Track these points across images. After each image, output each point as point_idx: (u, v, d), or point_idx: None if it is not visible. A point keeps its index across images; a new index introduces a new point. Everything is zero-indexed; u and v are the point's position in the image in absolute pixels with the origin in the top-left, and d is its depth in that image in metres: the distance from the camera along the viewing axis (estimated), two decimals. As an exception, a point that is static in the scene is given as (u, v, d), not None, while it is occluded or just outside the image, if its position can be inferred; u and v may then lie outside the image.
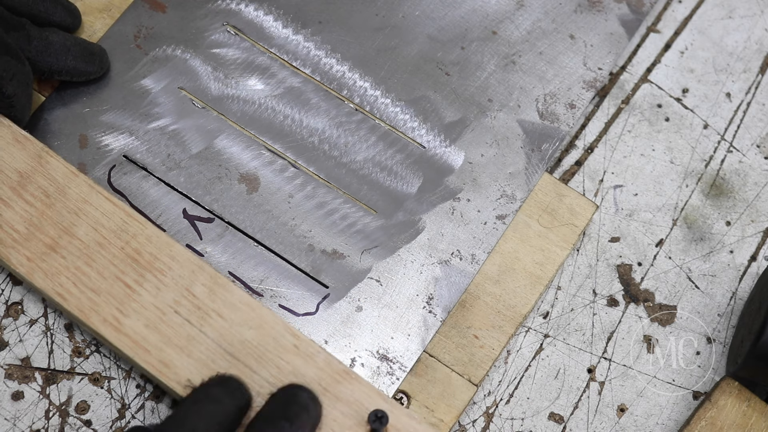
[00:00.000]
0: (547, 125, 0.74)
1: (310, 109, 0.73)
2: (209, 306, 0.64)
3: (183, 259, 0.65)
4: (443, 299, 0.69)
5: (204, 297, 0.64)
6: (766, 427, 0.67)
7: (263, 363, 0.63)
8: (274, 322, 0.64)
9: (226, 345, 0.63)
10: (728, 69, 0.78)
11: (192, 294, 0.64)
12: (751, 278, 0.73)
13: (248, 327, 0.64)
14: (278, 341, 0.63)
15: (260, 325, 0.64)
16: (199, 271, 0.65)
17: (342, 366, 0.63)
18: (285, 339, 0.64)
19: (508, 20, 0.77)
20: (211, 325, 0.64)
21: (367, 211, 0.71)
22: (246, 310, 0.64)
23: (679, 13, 0.79)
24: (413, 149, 0.73)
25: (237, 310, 0.64)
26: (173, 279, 0.64)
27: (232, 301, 0.64)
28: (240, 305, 0.64)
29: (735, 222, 0.74)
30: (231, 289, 0.65)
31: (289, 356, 0.63)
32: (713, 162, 0.76)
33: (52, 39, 0.69)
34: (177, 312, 0.64)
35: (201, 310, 0.64)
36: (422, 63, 0.75)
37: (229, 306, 0.64)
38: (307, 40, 0.75)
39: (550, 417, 0.69)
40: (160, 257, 0.65)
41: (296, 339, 0.63)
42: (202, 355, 0.63)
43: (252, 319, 0.64)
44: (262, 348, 0.63)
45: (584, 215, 0.72)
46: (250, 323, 0.64)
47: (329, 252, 0.70)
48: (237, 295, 0.65)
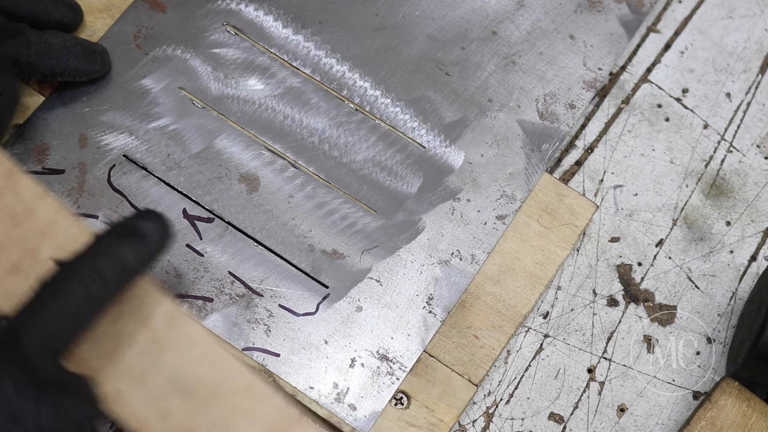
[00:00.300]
0: (547, 125, 0.74)
1: (310, 109, 0.73)
2: (164, 340, 0.63)
3: (142, 290, 0.64)
4: (443, 299, 0.69)
5: (160, 330, 0.63)
6: (766, 427, 0.67)
7: (215, 402, 0.62)
8: (229, 361, 0.63)
9: (180, 381, 0.62)
10: (728, 69, 0.78)
11: (148, 326, 0.63)
12: (751, 278, 0.73)
13: (203, 364, 0.63)
14: (232, 381, 0.62)
15: (215, 363, 0.63)
16: (157, 302, 0.64)
17: (295, 411, 0.62)
18: (239, 379, 0.63)
19: (508, 20, 0.77)
20: (166, 359, 0.63)
21: (367, 211, 0.71)
22: (201, 346, 0.63)
23: (679, 13, 0.79)
24: (413, 149, 0.73)
25: (193, 346, 0.63)
26: (131, 309, 0.63)
27: (188, 336, 0.63)
28: (195, 341, 0.63)
29: (735, 222, 0.74)
30: (188, 323, 0.64)
31: (243, 397, 0.62)
32: (713, 162, 0.76)
33: (51, 41, 0.69)
34: (133, 344, 0.63)
35: (157, 343, 0.63)
36: (422, 63, 0.75)
37: (184, 341, 0.63)
38: (307, 40, 0.75)
39: (550, 417, 0.69)
40: None
41: (250, 380, 0.63)
42: (156, 389, 0.62)
43: (207, 356, 0.63)
44: (216, 386, 0.62)
45: (584, 215, 0.72)
46: (205, 361, 0.63)
47: (329, 252, 0.70)
48: (193, 331, 0.64)
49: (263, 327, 0.68)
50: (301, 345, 0.67)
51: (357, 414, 0.66)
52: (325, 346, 0.68)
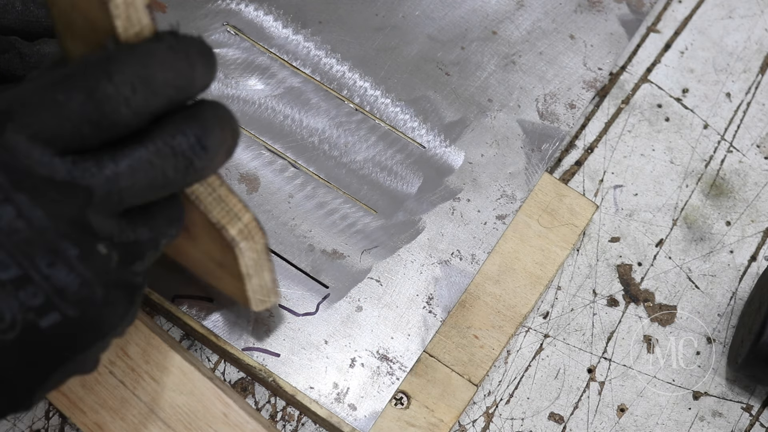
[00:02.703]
0: (547, 125, 0.74)
1: (310, 109, 0.73)
2: (143, 368, 0.63)
3: None
4: (443, 299, 0.69)
5: (138, 358, 0.63)
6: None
7: (192, 430, 0.62)
8: (205, 389, 0.63)
9: (158, 409, 0.63)
10: (728, 69, 0.78)
11: (126, 354, 0.63)
12: (751, 278, 0.73)
13: (180, 392, 0.63)
14: (208, 409, 0.63)
15: (191, 390, 0.63)
16: (134, 331, 0.64)
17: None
18: (215, 407, 0.63)
19: (508, 20, 0.77)
20: (144, 388, 0.63)
21: (367, 211, 0.71)
22: (178, 374, 0.64)
23: (679, 13, 0.79)
24: (413, 149, 0.73)
25: (169, 373, 0.63)
26: None
27: (165, 364, 0.64)
28: (172, 369, 0.63)
29: (735, 222, 0.74)
30: (165, 352, 0.64)
31: (218, 425, 0.63)
32: (713, 162, 0.76)
33: (45, 50, 0.67)
34: (112, 373, 0.63)
35: (135, 371, 0.63)
36: (422, 63, 0.75)
37: (161, 369, 0.63)
38: (307, 40, 0.75)
39: (550, 417, 0.69)
40: None
41: (226, 407, 0.63)
42: (134, 419, 0.62)
43: (184, 384, 0.63)
44: (192, 415, 0.63)
45: (584, 215, 0.72)
46: (181, 388, 0.63)
47: (329, 252, 0.70)
48: (170, 358, 0.64)
49: (263, 327, 0.68)
50: (301, 345, 0.67)
51: (357, 414, 0.66)
52: (325, 346, 0.68)
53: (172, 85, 0.49)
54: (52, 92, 0.48)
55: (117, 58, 0.49)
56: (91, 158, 0.49)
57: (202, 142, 0.50)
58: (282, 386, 0.67)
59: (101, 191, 0.49)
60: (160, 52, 0.49)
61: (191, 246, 0.61)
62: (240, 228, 0.57)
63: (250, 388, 0.68)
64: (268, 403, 0.67)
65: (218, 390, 0.64)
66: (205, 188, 0.57)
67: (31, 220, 0.48)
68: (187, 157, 0.50)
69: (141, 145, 0.49)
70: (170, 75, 0.49)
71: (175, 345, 0.65)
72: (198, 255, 0.61)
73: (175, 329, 0.68)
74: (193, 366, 0.64)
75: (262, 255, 0.59)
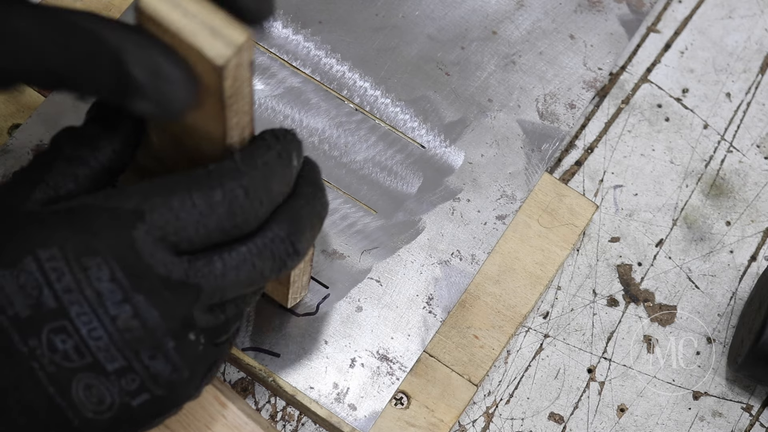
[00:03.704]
0: (547, 125, 0.74)
1: (310, 109, 0.73)
2: None
3: None
4: (443, 299, 0.69)
5: None
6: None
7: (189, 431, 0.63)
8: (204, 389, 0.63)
9: None
10: (728, 69, 0.78)
11: None
12: (751, 278, 0.73)
13: None
14: (206, 410, 0.63)
15: None
16: None
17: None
18: (213, 408, 0.63)
19: (508, 20, 0.77)
20: None
21: (367, 211, 0.71)
22: None
23: (679, 13, 0.79)
24: (413, 149, 0.73)
25: None
26: None
27: None
28: None
29: (735, 222, 0.74)
30: None
31: (217, 426, 0.63)
32: (713, 162, 0.76)
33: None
34: None
35: None
36: (422, 63, 0.75)
37: None
38: (307, 40, 0.75)
39: (550, 417, 0.69)
40: None
41: (224, 408, 0.63)
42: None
43: None
44: (190, 416, 0.63)
45: (584, 215, 0.72)
46: None
47: (329, 252, 0.70)
48: None
49: (263, 327, 0.68)
50: (301, 345, 0.67)
51: (357, 414, 0.66)
52: (325, 346, 0.68)
53: (282, 193, 0.53)
54: (189, 198, 0.51)
55: (248, 173, 0.52)
56: (202, 257, 0.52)
57: (296, 246, 0.54)
58: (282, 386, 0.67)
59: (209, 289, 0.52)
60: (274, 162, 0.53)
61: None
62: None
63: (250, 388, 0.68)
64: (268, 403, 0.68)
65: (217, 390, 0.64)
66: None
67: (146, 321, 0.51)
68: (282, 259, 0.54)
69: (245, 246, 0.52)
70: (283, 184, 0.53)
71: None
72: None
73: (175, 329, 0.68)
74: None
75: (307, 261, 0.63)
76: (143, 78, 0.48)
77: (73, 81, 0.49)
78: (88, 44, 0.48)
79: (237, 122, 0.52)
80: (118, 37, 0.48)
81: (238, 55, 0.48)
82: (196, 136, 0.53)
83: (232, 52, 0.47)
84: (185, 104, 0.49)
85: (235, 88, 0.49)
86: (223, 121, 0.51)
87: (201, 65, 0.48)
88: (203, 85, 0.49)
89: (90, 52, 0.48)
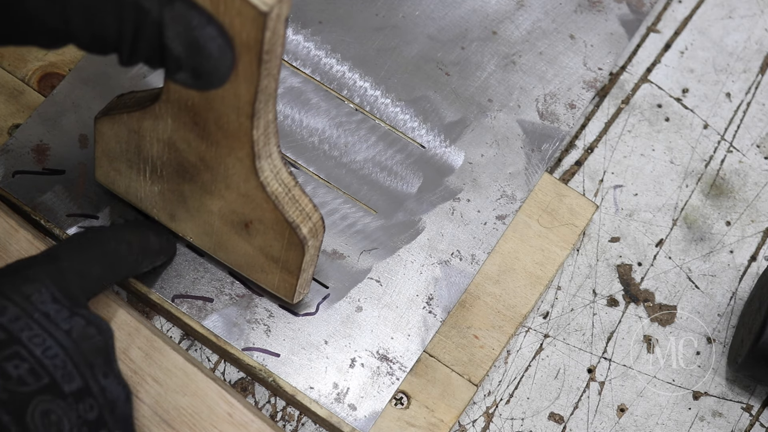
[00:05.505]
0: (547, 125, 0.74)
1: (310, 109, 0.73)
2: (145, 371, 0.63)
3: (120, 321, 0.64)
4: (443, 299, 0.69)
5: (140, 361, 0.64)
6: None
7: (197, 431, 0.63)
8: (209, 389, 0.64)
9: (161, 412, 0.63)
10: (728, 69, 0.78)
11: (128, 358, 0.64)
12: (751, 278, 0.73)
13: (183, 394, 0.63)
14: (212, 409, 0.63)
15: (195, 392, 0.63)
16: (135, 333, 0.64)
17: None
18: (219, 407, 0.63)
19: (508, 20, 0.77)
20: (147, 390, 0.63)
21: (367, 211, 0.71)
22: (181, 375, 0.64)
23: (679, 13, 0.79)
24: (413, 149, 0.73)
25: (172, 375, 0.64)
26: None
27: (167, 366, 0.64)
28: (175, 371, 0.64)
29: (735, 222, 0.74)
30: (167, 353, 0.64)
31: (223, 425, 0.63)
32: (713, 162, 0.76)
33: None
34: None
35: (137, 374, 0.63)
36: (422, 63, 0.75)
37: (164, 371, 0.64)
38: (307, 40, 0.75)
39: (550, 417, 0.69)
40: None
41: (230, 407, 0.63)
42: (138, 422, 0.62)
43: (187, 385, 0.64)
44: (196, 416, 0.63)
45: (584, 215, 0.72)
46: (185, 390, 0.63)
47: (329, 252, 0.70)
48: (172, 360, 0.64)
49: (263, 327, 0.68)
50: (301, 345, 0.67)
51: (357, 414, 0.66)
52: (325, 346, 0.68)
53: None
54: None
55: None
56: None
57: None
58: (282, 386, 0.67)
59: None
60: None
61: (244, 242, 0.63)
62: (310, 227, 0.61)
63: (250, 388, 0.68)
64: (268, 403, 0.68)
65: (222, 390, 0.64)
66: (283, 188, 0.60)
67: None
68: None
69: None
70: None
71: (175, 347, 0.65)
72: (249, 250, 0.63)
73: (174, 329, 0.68)
74: (196, 367, 0.64)
75: (317, 251, 0.63)
76: (180, 51, 0.51)
77: (116, 47, 0.52)
78: (133, 12, 0.51)
79: (266, 86, 0.53)
80: (159, 7, 0.51)
81: (279, 4, 0.50)
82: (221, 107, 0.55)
83: (275, 0, 0.50)
84: (222, 76, 0.52)
85: (272, 44, 0.52)
86: (256, 82, 0.53)
87: (242, 17, 0.50)
88: (241, 44, 0.51)
89: (135, 20, 0.51)
